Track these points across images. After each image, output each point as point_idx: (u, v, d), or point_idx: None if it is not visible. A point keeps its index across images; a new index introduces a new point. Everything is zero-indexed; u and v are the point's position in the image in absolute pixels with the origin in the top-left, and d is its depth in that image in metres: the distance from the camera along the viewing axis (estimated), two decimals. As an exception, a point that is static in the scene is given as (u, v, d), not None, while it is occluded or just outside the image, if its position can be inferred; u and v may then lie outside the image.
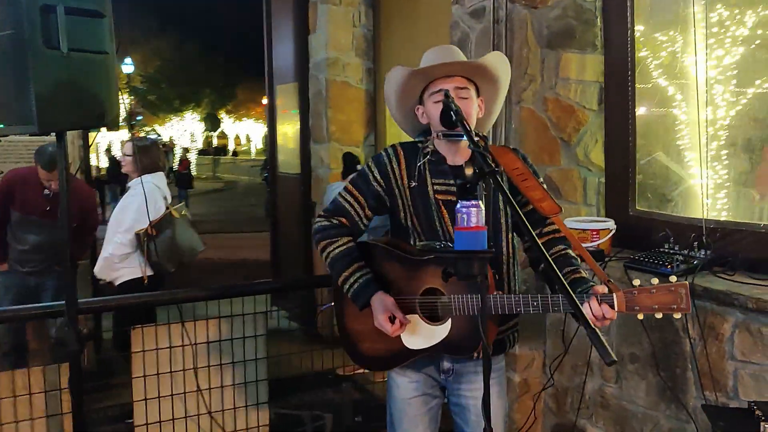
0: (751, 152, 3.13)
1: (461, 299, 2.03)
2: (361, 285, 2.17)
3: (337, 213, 2.26)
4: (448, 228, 2.14)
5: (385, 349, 2.23)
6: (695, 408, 2.77)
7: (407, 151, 2.22)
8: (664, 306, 1.77)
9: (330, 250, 2.24)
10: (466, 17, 3.73)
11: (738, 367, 2.61)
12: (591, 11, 3.46)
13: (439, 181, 2.17)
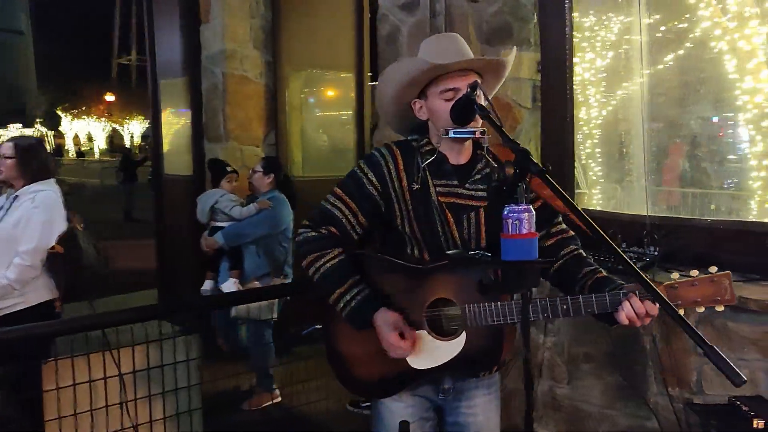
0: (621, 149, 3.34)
1: (477, 308, 1.84)
2: (359, 302, 1.92)
3: (326, 222, 1.99)
4: (453, 233, 1.94)
5: (385, 373, 1.99)
6: (656, 404, 2.80)
7: (403, 151, 2.00)
8: (708, 299, 1.69)
9: (320, 265, 1.97)
10: (396, 10, 3.56)
11: (702, 362, 2.65)
12: (527, 7, 3.42)
13: (440, 183, 1.97)
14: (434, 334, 1.91)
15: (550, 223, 2.02)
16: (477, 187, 1.97)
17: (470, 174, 1.98)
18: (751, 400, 2.28)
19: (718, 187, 3.52)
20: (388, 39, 3.62)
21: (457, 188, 1.96)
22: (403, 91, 1.97)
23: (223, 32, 5.19)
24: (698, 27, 3.42)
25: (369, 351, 1.97)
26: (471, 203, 1.95)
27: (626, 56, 3.40)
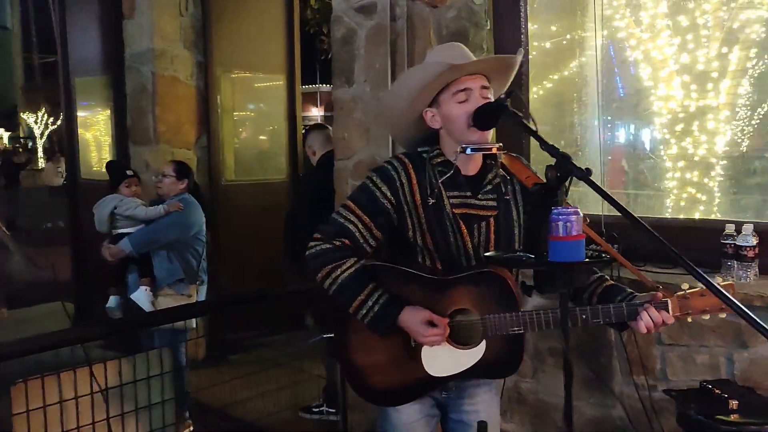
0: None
1: (498, 318, 1.89)
2: (382, 305, 1.92)
3: (339, 234, 1.97)
4: (466, 244, 1.98)
5: (402, 380, 2.01)
6: (621, 393, 2.96)
7: (415, 164, 2.00)
8: (715, 307, 1.82)
9: (336, 275, 1.95)
10: (352, 13, 3.56)
11: (665, 350, 2.84)
12: (480, 14, 3.52)
13: (453, 194, 1.99)
14: (454, 343, 1.94)
15: None
16: (488, 197, 2.01)
17: (481, 184, 2.02)
18: (721, 384, 2.47)
19: (649, 187, 3.79)
20: (343, 41, 3.61)
21: (470, 199, 2.00)
22: (416, 100, 1.97)
23: (151, 30, 4.97)
24: (615, 36, 3.69)
25: (386, 360, 2.00)
26: (482, 213, 2.00)
27: (580, 64, 3.57)
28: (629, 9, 3.80)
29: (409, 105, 1.98)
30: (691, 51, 3.78)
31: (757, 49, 3.67)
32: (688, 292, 1.84)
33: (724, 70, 3.72)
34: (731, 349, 2.67)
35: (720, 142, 3.78)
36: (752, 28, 3.67)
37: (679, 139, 3.78)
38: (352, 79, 3.59)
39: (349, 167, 3.65)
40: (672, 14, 3.81)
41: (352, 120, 3.61)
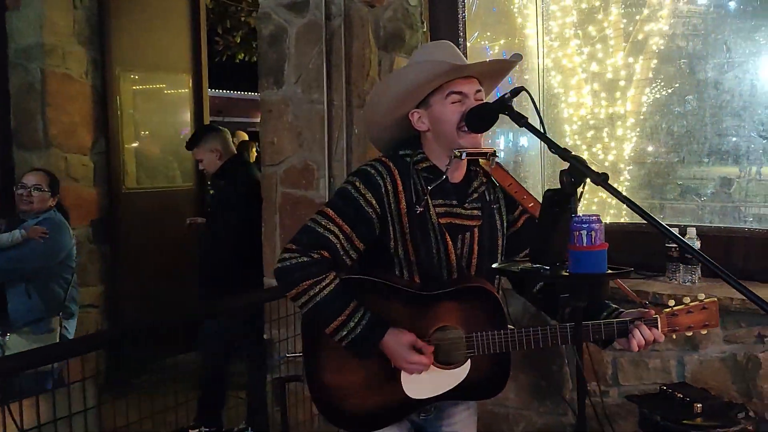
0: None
1: (485, 336, 1.77)
2: (365, 327, 1.74)
3: (317, 246, 1.76)
4: (449, 257, 1.83)
5: (379, 403, 1.84)
6: (572, 400, 2.94)
7: (400, 169, 1.83)
8: (699, 324, 1.78)
9: (315, 292, 1.74)
10: (282, 10, 3.35)
11: (617, 356, 2.84)
12: (415, 15, 3.42)
13: (439, 202, 1.84)
14: (437, 363, 1.80)
15: None
16: (474, 206, 1.89)
17: (467, 192, 1.89)
18: (680, 387, 2.49)
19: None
20: (271, 40, 3.39)
21: (456, 208, 1.86)
22: (407, 99, 1.82)
23: (40, 23, 4.47)
24: (525, 44, 3.74)
25: (362, 382, 1.84)
26: (467, 223, 1.87)
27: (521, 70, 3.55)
28: (539, 18, 3.85)
29: (398, 103, 1.83)
30: (600, 60, 3.89)
31: (658, 60, 3.83)
32: (675, 309, 1.79)
33: (631, 78, 3.85)
34: (682, 353, 2.71)
35: (627, 148, 3.91)
36: (654, 40, 3.82)
37: (589, 146, 3.87)
38: (282, 79, 3.37)
39: (279, 173, 3.42)
40: (581, 24, 3.91)
41: (282, 123, 3.40)
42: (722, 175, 3.66)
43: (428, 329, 1.80)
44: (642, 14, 3.86)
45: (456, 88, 1.78)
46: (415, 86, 1.78)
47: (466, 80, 1.80)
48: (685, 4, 3.43)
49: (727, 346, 2.63)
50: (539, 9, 3.51)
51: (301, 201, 3.37)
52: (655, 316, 1.77)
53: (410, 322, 1.80)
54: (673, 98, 3.75)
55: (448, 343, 1.81)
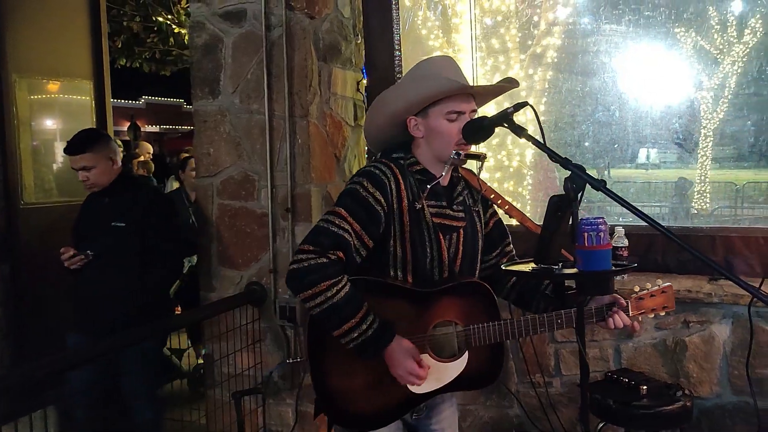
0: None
1: (482, 328, 1.90)
2: (375, 331, 1.81)
3: (335, 246, 1.81)
4: (442, 255, 1.94)
5: (385, 403, 1.92)
6: (517, 392, 3.13)
7: (400, 170, 1.93)
8: (659, 306, 1.99)
9: (332, 294, 1.78)
10: (217, 19, 3.30)
11: (558, 347, 3.06)
12: (348, 28, 3.49)
13: (432, 203, 1.95)
14: (436, 356, 1.91)
15: (503, 241, 2.16)
16: (459, 208, 2.02)
17: (453, 196, 2.02)
18: (623, 372, 2.73)
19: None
20: (205, 49, 3.32)
21: (446, 209, 1.98)
22: (412, 107, 1.92)
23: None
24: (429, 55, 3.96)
25: (368, 383, 1.92)
26: (455, 224, 1.99)
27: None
28: (441, 30, 4.07)
29: (401, 110, 1.93)
30: (503, 72, 4.18)
31: (553, 72, 4.19)
32: (641, 294, 2.00)
33: (530, 89, 4.17)
34: (618, 341, 2.97)
35: (529, 154, 4.22)
36: (550, 53, 4.17)
37: (495, 152, 4.14)
38: (218, 90, 3.32)
39: (216, 184, 3.36)
40: (485, 37, 4.18)
41: (218, 134, 3.34)
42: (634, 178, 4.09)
43: (428, 325, 1.90)
44: (539, 29, 4.18)
45: (457, 108, 1.89)
46: (424, 96, 1.88)
47: (467, 100, 1.91)
48: (606, 23, 3.75)
49: (658, 332, 2.91)
50: (472, 22, 3.70)
51: (240, 212, 3.33)
52: (627, 301, 1.96)
53: (411, 319, 1.89)
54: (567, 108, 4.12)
55: (447, 337, 1.91)
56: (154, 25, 9.27)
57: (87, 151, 3.13)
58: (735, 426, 2.83)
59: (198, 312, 3.18)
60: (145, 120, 19.93)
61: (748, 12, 3.75)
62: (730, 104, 3.76)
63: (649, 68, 3.80)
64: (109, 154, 3.19)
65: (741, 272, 2.95)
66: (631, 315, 1.95)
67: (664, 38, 3.73)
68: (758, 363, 2.76)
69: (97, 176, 3.14)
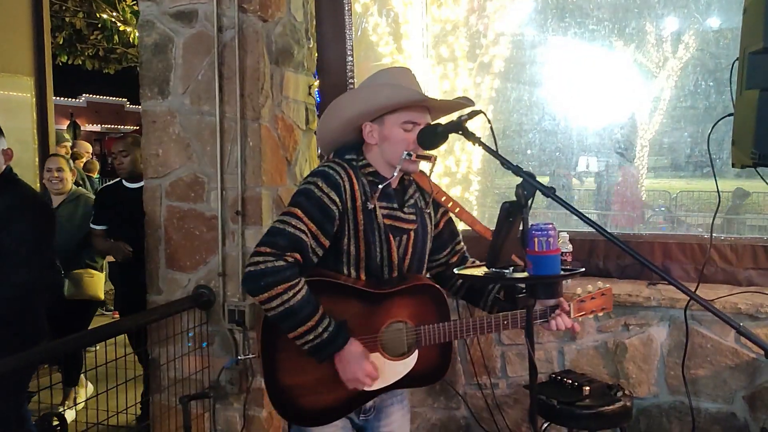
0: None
1: (432, 328, 1.95)
2: (331, 334, 1.84)
3: (292, 248, 1.82)
4: (392, 254, 1.99)
5: (335, 399, 1.95)
6: (465, 394, 3.18)
7: (353, 171, 1.96)
8: (599, 307, 2.08)
9: (288, 297, 1.79)
10: (167, 19, 3.26)
11: (505, 350, 3.13)
12: (301, 32, 3.50)
13: (383, 204, 1.99)
14: (387, 354, 1.95)
15: (454, 240, 2.22)
16: (410, 210, 2.06)
17: (404, 198, 2.06)
18: (566, 374, 2.81)
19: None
20: (155, 49, 3.27)
21: (397, 211, 2.02)
22: (368, 113, 1.95)
23: None
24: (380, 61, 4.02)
25: (318, 379, 1.94)
26: (406, 226, 2.04)
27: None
28: (392, 37, 4.14)
29: (361, 115, 1.96)
30: (451, 79, 4.27)
31: (500, 80, 4.31)
32: (583, 297, 2.09)
33: (479, 97, 4.27)
34: (562, 343, 3.06)
35: (476, 160, 4.33)
36: (497, 63, 4.29)
37: (443, 158, 4.22)
38: (168, 90, 3.28)
39: (165, 186, 3.31)
40: (435, 45, 4.27)
41: (167, 135, 3.29)
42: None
43: (381, 325, 1.94)
44: (487, 38, 4.29)
45: (413, 119, 1.94)
46: (381, 104, 1.91)
47: (422, 113, 1.96)
48: (553, 34, 3.86)
49: (600, 335, 3.02)
50: (422, 30, 3.76)
51: (189, 214, 3.29)
52: (570, 304, 2.04)
53: (364, 319, 1.92)
54: (515, 116, 4.24)
55: (398, 336, 1.96)
56: (98, 22, 9.06)
57: None
58: (671, 424, 2.95)
59: (144, 316, 3.11)
60: (86, 119, 19.41)
61: (684, 29, 3.93)
62: (667, 116, 3.94)
63: (593, 80, 3.95)
64: (2, 148, 2.93)
65: (677, 277, 3.09)
66: (573, 317, 2.03)
67: (607, 51, 3.88)
68: (693, 364, 2.89)
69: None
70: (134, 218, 3.67)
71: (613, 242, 1.59)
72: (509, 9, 4.09)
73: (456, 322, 1.97)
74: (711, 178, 2.68)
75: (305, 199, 1.89)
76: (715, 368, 2.87)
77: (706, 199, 4.22)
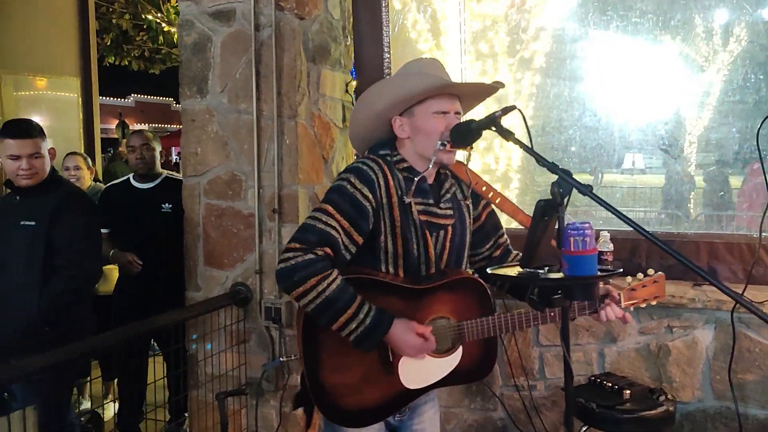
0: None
1: (475, 324, 1.92)
2: (374, 318, 1.82)
3: (322, 243, 1.81)
4: (429, 252, 1.95)
5: (378, 398, 1.94)
6: (501, 395, 3.13)
7: (388, 166, 1.94)
8: (651, 296, 2.03)
9: (322, 289, 1.79)
10: (206, 18, 3.29)
11: (543, 351, 3.07)
12: (338, 29, 3.49)
13: (418, 200, 1.96)
14: (431, 352, 1.92)
15: (497, 233, 2.17)
16: (447, 205, 2.03)
17: (440, 193, 2.02)
18: (606, 376, 2.74)
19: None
20: (194, 48, 3.31)
21: (433, 207, 1.99)
22: (396, 106, 1.93)
23: None
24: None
25: (362, 377, 1.92)
26: (442, 222, 2.00)
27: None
28: (431, 34, 4.09)
29: (388, 108, 1.94)
30: (491, 76, 4.20)
31: (541, 76, 4.21)
32: (634, 285, 2.03)
33: (519, 93, 4.19)
34: (602, 345, 2.99)
35: (516, 158, 4.25)
36: (538, 59, 4.20)
37: (482, 156, 4.16)
38: (206, 89, 3.31)
39: (203, 184, 3.35)
40: (474, 41, 4.20)
41: (205, 133, 3.33)
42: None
43: (422, 320, 1.91)
44: (527, 33, 4.20)
45: (442, 107, 1.90)
46: (406, 94, 1.89)
47: (451, 101, 1.92)
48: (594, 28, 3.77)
49: (642, 337, 2.93)
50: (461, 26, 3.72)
51: (227, 212, 3.32)
52: (619, 293, 1.98)
53: (406, 315, 1.89)
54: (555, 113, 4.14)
55: (440, 333, 1.93)
56: (144, 23, 9.24)
57: (37, 137, 2.96)
58: (717, 430, 2.85)
59: (182, 312, 3.15)
60: (134, 118, 19.85)
61: (734, 20, 3.78)
62: (715, 111, 3.80)
63: (636, 74, 3.83)
64: (47, 148, 3.04)
65: (724, 278, 2.98)
66: (623, 306, 1.98)
67: (651, 45, 3.76)
68: (740, 368, 2.79)
69: (42, 166, 2.97)
70: (143, 222, 3.65)
71: (653, 242, 1.53)
72: (550, 3, 4.00)
73: (500, 316, 1.94)
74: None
75: (337, 195, 1.87)
76: (763, 373, 2.76)
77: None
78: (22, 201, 2.97)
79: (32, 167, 2.92)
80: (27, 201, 2.96)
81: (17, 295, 2.87)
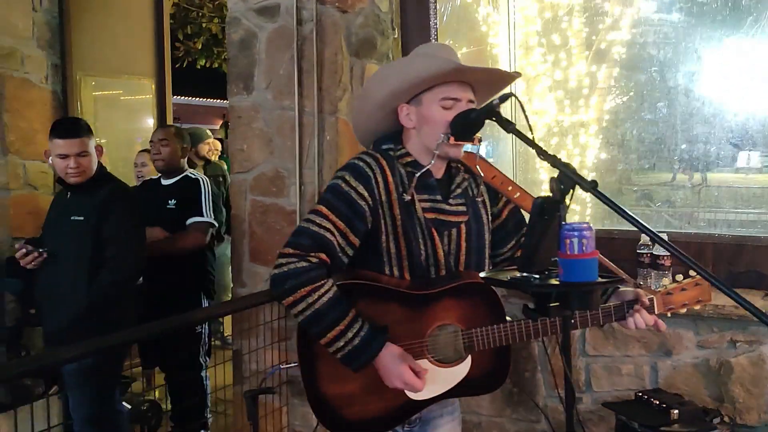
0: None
1: (485, 331, 1.77)
2: (363, 339, 1.70)
3: (317, 248, 1.72)
4: (437, 251, 1.82)
5: (381, 409, 1.82)
6: (545, 406, 2.94)
7: (388, 162, 1.82)
8: (693, 300, 1.81)
9: (313, 300, 1.69)
10: (252, 14, 3.29)
11: (590, 361, 2.85)
12: (386, 22, 3.41)
13: (424, 197, 1.83)
14: (436, 362, 1.79)
15: (519, 232, 2.01)
16: (458, 201, 1.89)
17: (450, 188, 1.89)
18: (655, 393, 2.51)
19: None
20: (241, 45, 3.33)
21: (441, 204, 1.85)
22: (402, 92, 1.80)
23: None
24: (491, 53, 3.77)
25: (362, 389, 1.80)
26: (453, 219, 1.86)
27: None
28: (510, 27, 3.89)
29: (392, 95, 1.80)
30: (564, 68, 3.95)
31: (620, 69, 3.91)
32: (670, 288, 1.82)
33: (593, 86, 3.91)
34: (655, 358, 2.74)
35: (590, 154, 3.97)
36: (616, 49, 3.89)
37: (554, 152, 3.91)
38: (252, 85, 3.32)
39: (249, 180, 3.36)
40: (545, 33, 3.96)
41: (251, 130, 3.33)
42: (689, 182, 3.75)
43: (427, 329, 1.78)
44: (604, 23, 3.93)
45: (451, 94, 1.77)
46: (414, 78, 1.76)
47: (462, 88, 1.79)
48: (655, 13, 3.49)
49: (700, 351, 2.66)
50: (510, 18, 3.54)
51: (271, 209, 3.31)
52: (651, 297, 1.78)
53: (407, 323, 1.77)
54: (633, 105, 3.84)
55: (447, 341, 1.80)
56: (232, 26, 9.50)
57: (84, 136, 3.03)
58: (786, 459, 2.54)
59: (223, 307, 3.18)
60: (232, 119, 20.50)
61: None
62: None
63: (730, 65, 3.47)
64: (94, 146, 3.10)
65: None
66: (657, 312, 1.78)
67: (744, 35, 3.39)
68: (814, 390, 2.47)
69: (89, 164, 3.04)
70: (155, 219, 3.58)
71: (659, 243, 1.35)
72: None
73: (514, 323, 1.78)
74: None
75: (332, 195, 1.78)
76: (842, 398, 2.43)
77: None
78: (72, 197, 3.10)
79: (80, 165, 3.00)
80: (77, 197, 3.09)
81: (68, 287, 2.99)
